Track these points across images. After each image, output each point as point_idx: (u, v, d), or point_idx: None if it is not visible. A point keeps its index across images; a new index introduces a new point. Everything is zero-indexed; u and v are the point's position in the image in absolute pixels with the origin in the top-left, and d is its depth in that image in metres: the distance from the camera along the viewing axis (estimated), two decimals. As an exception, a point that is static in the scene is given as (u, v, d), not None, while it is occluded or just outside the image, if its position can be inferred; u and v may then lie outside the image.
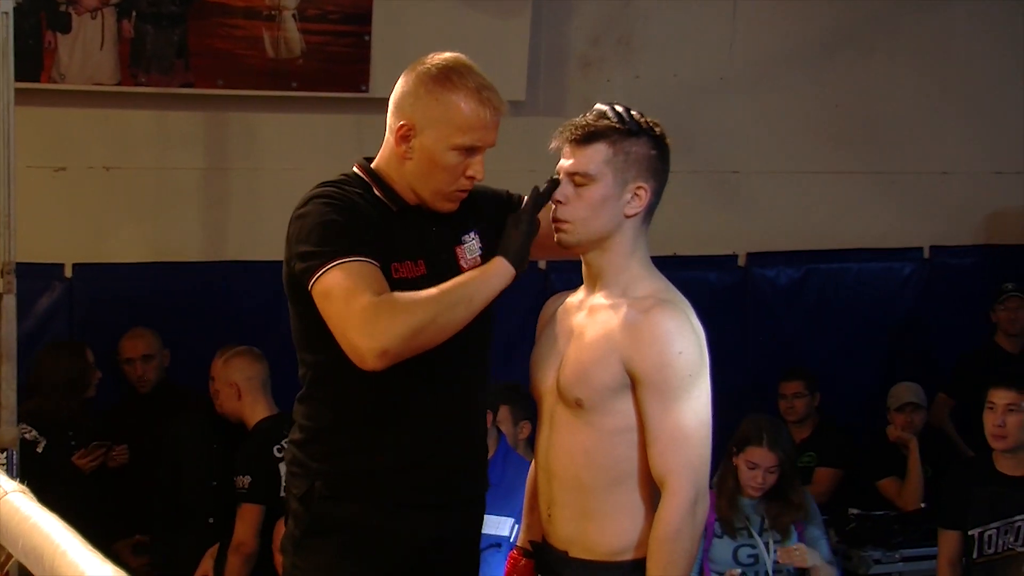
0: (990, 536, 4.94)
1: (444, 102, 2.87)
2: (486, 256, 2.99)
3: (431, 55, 2.96)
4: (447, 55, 2.95)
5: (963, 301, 7.36)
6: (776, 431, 4.97)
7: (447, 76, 2.89)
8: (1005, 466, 5.00)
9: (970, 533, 4.98)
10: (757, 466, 4.88)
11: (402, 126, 2.90)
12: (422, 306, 2.73)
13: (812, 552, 4.86)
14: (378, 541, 2.94)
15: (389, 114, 2.97)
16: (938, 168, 7.45)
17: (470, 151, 2.90)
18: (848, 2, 7.20)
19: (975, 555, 4.98)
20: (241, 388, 5.15)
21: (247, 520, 5.07)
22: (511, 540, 4.36)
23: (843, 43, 7.24)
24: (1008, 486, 4.95)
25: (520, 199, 3.10)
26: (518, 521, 4.29)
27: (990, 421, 4.96)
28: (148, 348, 5.99)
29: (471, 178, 2.93)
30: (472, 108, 2.87)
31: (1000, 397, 4.94)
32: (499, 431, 4.64)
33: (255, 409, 5.15)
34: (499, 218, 3.03)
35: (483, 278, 2.84)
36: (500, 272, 2.85)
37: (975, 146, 7.47)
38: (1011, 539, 4.90)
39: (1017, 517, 4.89)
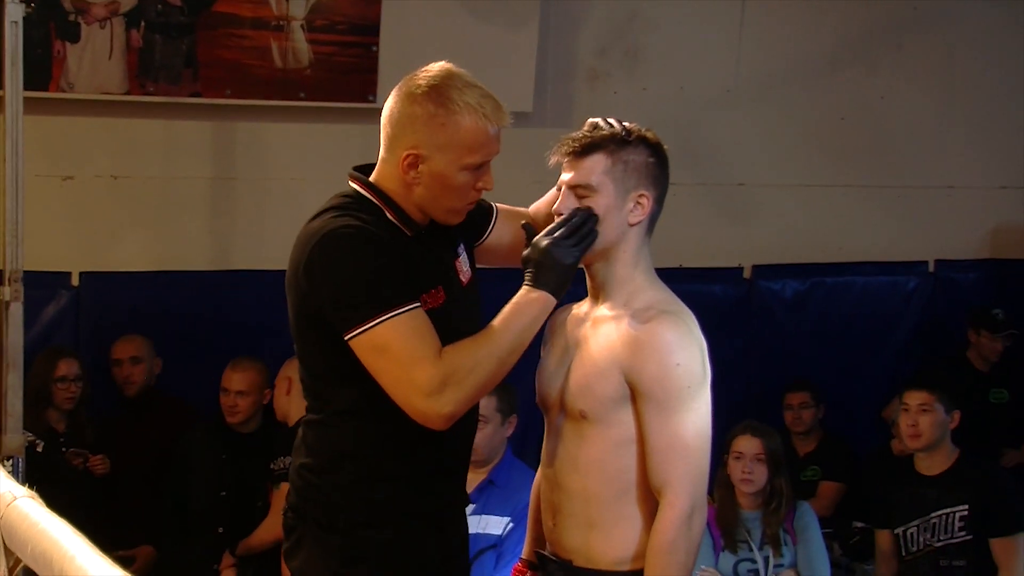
0: (912, 534, 5.18)
1: (448, 125, 2.80)
2: (474, 267, 3.03)
3: (420, 71, 2.88)
4: (436, 68, 2.87)
5: (967, 315, 7.37)
6: (761, 426, 5.04)
7: (445, 95, 2.81)
8: (923, 466, 5.22)
9: (896, 532, 5.22)
10: (742, 455, 4.90)
11: (407, 155, 2.83)
12: (486, 368, 2.75)
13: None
14: (409, 562, 2.94)
15: (385, 135, 2.90)
16: (943, 182, 7.46)
17: (480, 167, 2.87)
18: (854, 17, 7.22)
19: (903, 553, 5.22)
20: (294, 385, 5.20)
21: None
22: (500, 536, 4.42)
23: (849, 57, 7.26)
24: (925, 485, 5.17)
25: (489, 206, 3.12)
26: (513, 521, 4.35)
27: (904, 422, 5.20)
28: (137, 351, 5.99)
29: (481, 189, 2.92)
30: (477, 126, 2.82)
31: (913, 398, 5.17)
32: (507, 439, 4.69)
33: (301, 407, 5.20)
34: (473, 224, 3.04)
35: (531, 320, 2.81)
36: (546, 309, 2.84)
37: (980, 161, 7.48)
38: (929, 536, 5.14)
39: (932, 515, 5.13)
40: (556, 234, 2.85)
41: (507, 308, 2.82)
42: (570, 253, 2.84)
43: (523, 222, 2.99)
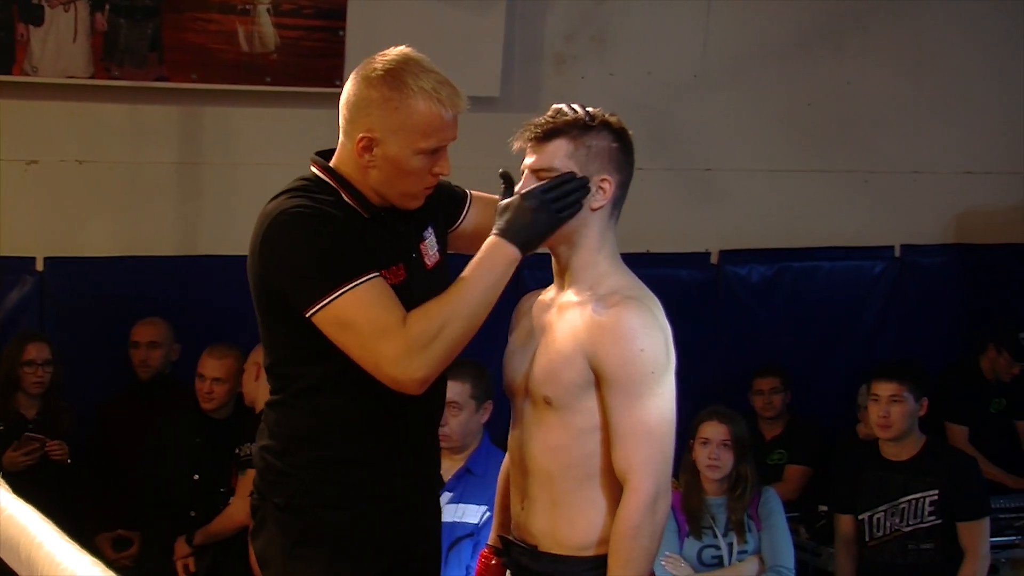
0: (878, 519, 5.24)
1: (402, 109, 2.79)
2: (444, 252, 3.02)
3: (378, 55, 2.88)
4: (394, 53, 2.87)
5: (933, 299, 7.42)
6: (727, 411, 5.06)
7: (400, 80, 2.80)
8: (889, 452, 5.26)
9: (860, 517, 5.27)
10: (709, 441, 4.91)
11: (362, 138, 2.83)
12: (451, 327, 2.74)
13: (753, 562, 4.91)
14: (366, 544, 2.93)
15: (343, 118, 2.90)
16: (910, 167, 7.49)
17: (435, 152, 2.86)
18: (821, 2, 7.23)
19: (867, 538, 5.26)
20: (262, 370, 5.15)
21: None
22: (478, 525, 4.42)
23: (816, 42, 7.27)
24: (892, 471, 5.23)
25: (463, 192, 3.13)
26: (490, 509, 4.35)
27: (875, 412, 5.23)
28: (155, 336, 5.98)
29: (437, 175, 2.91)
30: (432, 111, 2.80)
31: (883, 389, 5.21)
32: (483, 425, 4.69)
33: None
34: (446, 209, 3.06)
35: (498, 276, 2.80)
36: (513, 263, 2.82)
37: (947, 146, 7.51)
38: (897, 520, 5.19)
39: (901, 499, 5.18)
40: (545, 191, 2.84)
41: (474, 262, 2.82)
42: (551, 216, 2.83)
43: (502, 170, 2.95)
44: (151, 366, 5.98)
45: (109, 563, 5.60)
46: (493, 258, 2.81)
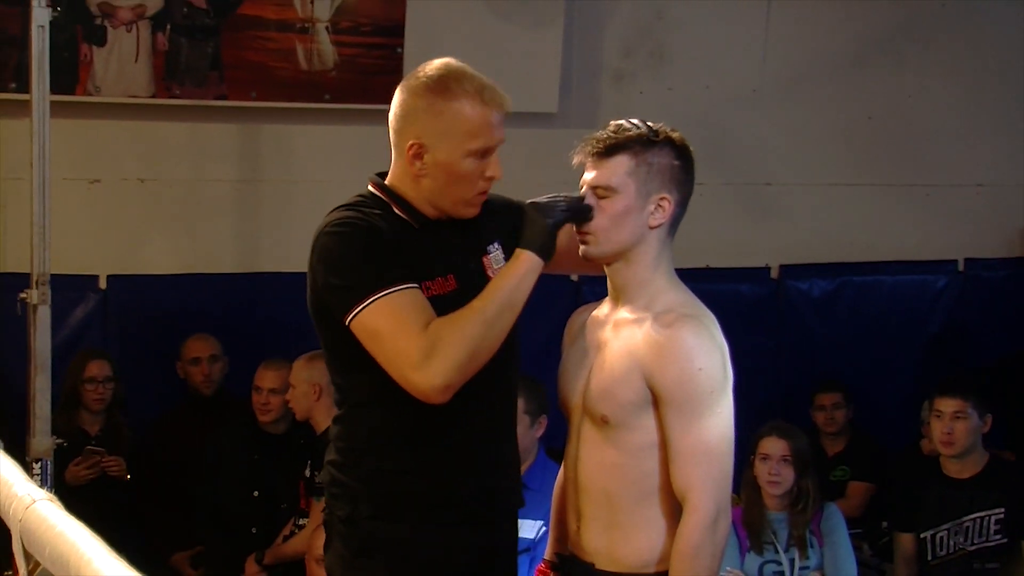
0: (941, 538, 5.17)
1: (448, 112, 2.84)
2: None
3: (421, 67, 2.92)
4: (437, 63, 2.91)
5: (997, 314, 7.32)
6: (787, 426, 5.03)
7: (444, 85, 2.85)
8: (952, 469, 5.20)
9: (922, 536, 5.20)
10: (769, 457, 4.88)
11: (412, 145, 2.86)
12: (472, 329, 2.75)
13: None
14: (427, 559, 2.93)
15: (392, 132, 2.93)
16: (972, 180, 7.42)
17: (484, 153, 2.88)
18: (880, 15, 7.18)
19: (930, 557, 5.19)
20: (324, 390, 5.09)
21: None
22: (534, 540, 4.40)
23: (876, 54, 7.22)
24: (956, 488, 5.16)
25: None
26: (546, 524, 4.34)
27: (938, 428, 5.16)
28: (215, 349, 6.02)
29: (490, 179, 2.92)
30: (477, 111, 2.84)
31: (947, 405, 5.14)
32: (538, 440, 4.67)
33: (332, 411, 5.16)
34: (518, 227, 3.03)
35: (517, 280, 2.82)
36: (532, 268, 2.84)
37: (1009, 158, 7.43)
38: (961, 539, 5.12)
39: (966, 518, 5.11)
40: (548, 197, 2.89)
41: (498, 272, 2.88)
42: (554, 213, 2.86)
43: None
44: (214, 380, 6.02)
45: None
46: (511, 264, 2.86)
